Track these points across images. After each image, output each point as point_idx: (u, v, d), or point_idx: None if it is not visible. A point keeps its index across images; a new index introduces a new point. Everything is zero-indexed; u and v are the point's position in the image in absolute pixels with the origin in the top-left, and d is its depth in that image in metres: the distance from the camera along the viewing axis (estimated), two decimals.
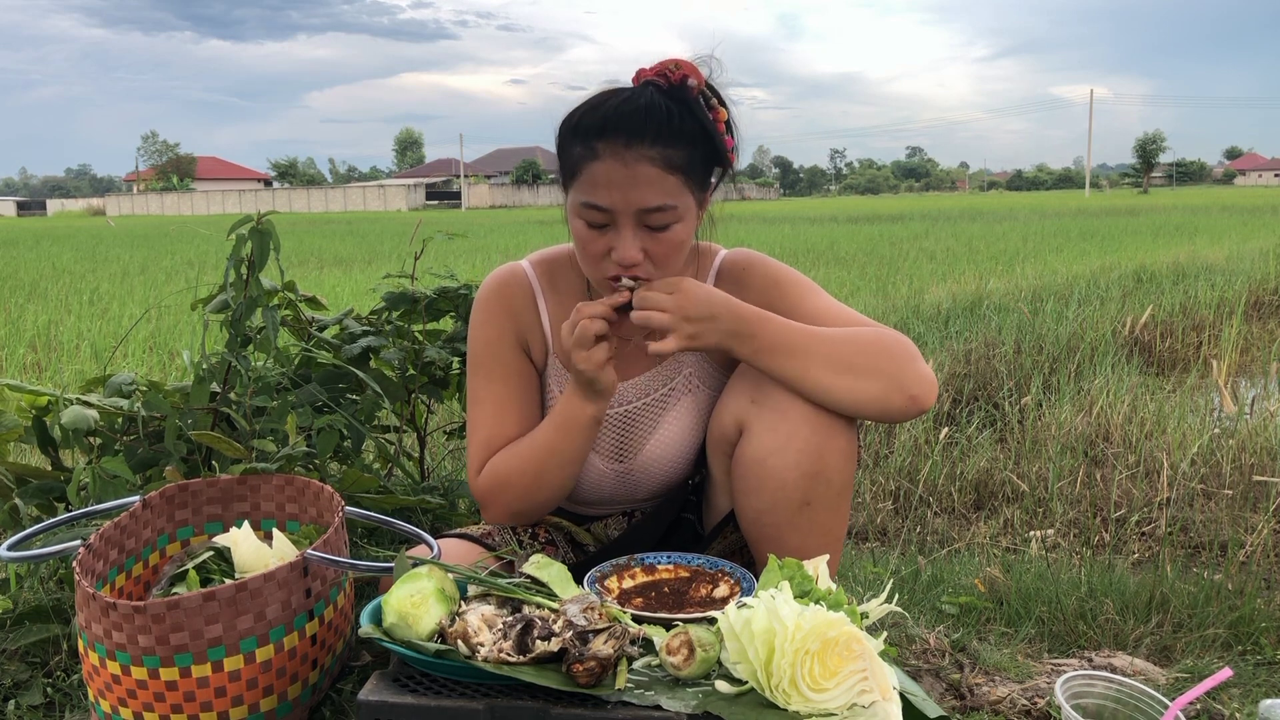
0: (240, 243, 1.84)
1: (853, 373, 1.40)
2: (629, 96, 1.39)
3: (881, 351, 1.41)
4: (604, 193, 1.37)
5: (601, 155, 1.37)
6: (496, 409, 1.57)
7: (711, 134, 1.42)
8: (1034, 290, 6.91)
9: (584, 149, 1.39)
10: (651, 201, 1.37)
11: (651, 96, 1.39)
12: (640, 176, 1.36)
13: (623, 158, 1.36)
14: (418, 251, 2.35)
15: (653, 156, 1.36)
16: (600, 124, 1.38)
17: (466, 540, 1.58)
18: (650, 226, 1.39)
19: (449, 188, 73.55)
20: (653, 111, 1.37)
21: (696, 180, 1.42)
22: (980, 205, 35.98)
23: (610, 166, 1.36)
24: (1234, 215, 20.28)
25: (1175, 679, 1.67)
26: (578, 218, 1.42)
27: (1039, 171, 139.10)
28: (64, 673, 1.57)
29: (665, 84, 1.40)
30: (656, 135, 1.36)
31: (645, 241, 1.40)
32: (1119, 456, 3.05)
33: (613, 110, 1.38)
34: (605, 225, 1.40)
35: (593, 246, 1.42)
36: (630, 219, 1.38)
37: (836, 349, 1.41)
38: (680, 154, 1.38)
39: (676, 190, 1.39)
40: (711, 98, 1.44)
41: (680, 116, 1.38)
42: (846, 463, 1.46)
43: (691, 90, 1.40)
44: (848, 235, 15.91)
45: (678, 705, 1.10)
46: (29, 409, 1.88)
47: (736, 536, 1.59)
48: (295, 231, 21.32)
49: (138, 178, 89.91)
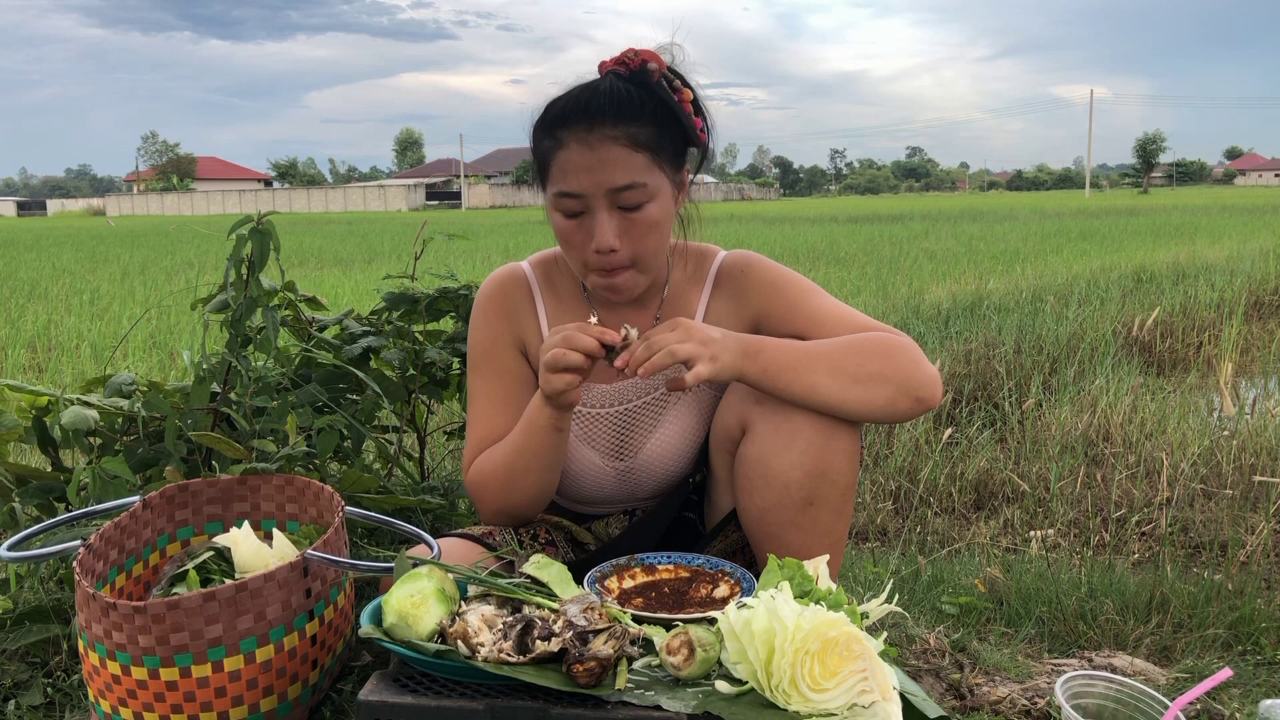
0: (240, 243, 1.84)
1: (860, 382, 1.40)
2: (588, 85, 1.42)
3: (885, 357, 1.41)
4: (573, 178, 1.39)
5: (566, 143, 1.39)
6: (490, 408, 1.58)
7: (676, 112, 1.43)
8: (1034, 290, 6.91)
9: (550, 141, 1.42)
10: (620, 180, 1.38)
11: (610, 82, 1.42)
12: (606, 157, 1.38)
13: (586, 140, 1.38)
14: (418, 251, 2.36)
15: (616, 135, 1.38)
16: (561, 114, 1.41)
17: (467, 540, 1.59)
18: (624, 207, 1.41)
19: (449, 188, 73.60)
20: (612, 94, 1.40)
21: (667, 159, 1.44)
22: (980, 205, 35.98)
23: (576, 151, 1.39)
24: (1234, 215, 20.28)
25: (1175, 679, 1.67)
26: (555, 211, 1.45)
27: (1039, 172, 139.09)
28: (64, 673, 1.57)
29: (625, 71, 1.43)
30: (618, 114, 1.38)
31: (620, 224, 1.41)
32: (1119, 456, 3.05)
33: (572, 99, 1.41)
34: (580, 213, 1.42)
35: (572, 237, 1.44)
36: (603, 201, 1.40)
37: (841, 360, 1.41)
38: (644, 131, 1.40)
39: (644, 168, 1.40)
40: (674, 79, 1.46)
41: (641, 97, 1.41)
42: (850, 462, 1.46)
43: (652, 74, 1.43)
44: (848, 235, 15.91)
45: (678, 705, 1.10)
46: (29, 409, 1.88)
47: (738, 536, 1.59)
48: (295, 231, 21.32)
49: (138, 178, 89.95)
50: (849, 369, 1.40)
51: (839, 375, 1.40)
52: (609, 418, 1.60)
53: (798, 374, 1.40)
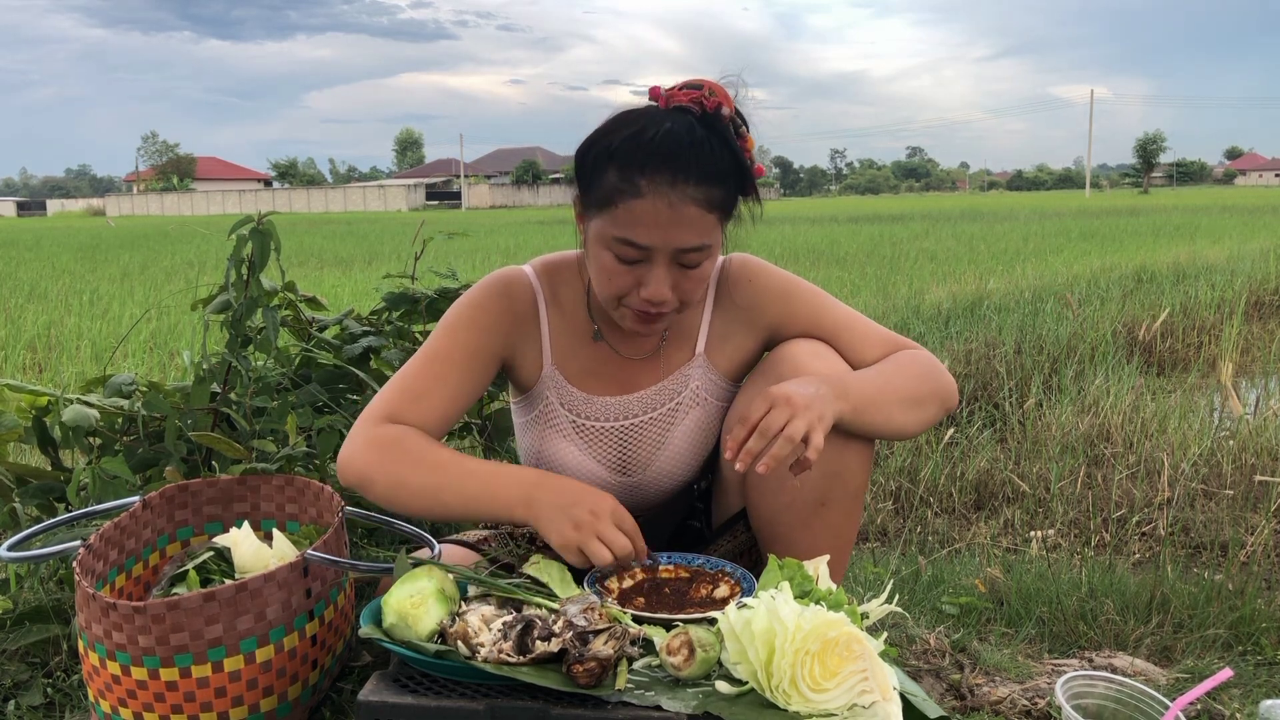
0: (240, 243, 1.84)
1: (919, 405, 1.45)
2: (670, 129, 1.33)
3: (930, 377, 1.47)
4: (644, 231, 1.33)
5: (645, 194, 1.32)
6: (433, 378, 1.47)
7: (744, 167, 1.39)
8: (1035, 290, 6.91)
9: (623, 182, 1.33)
10: (691, 242, 1.35)
11: (692, 129, 1.34)
12: (683, 218, 1.32)
13: (668, 198, 1.31)
14: (418, 251, 2.35)
15: (697, 198, 1.33)
16: (643, 159, 1.32)
17: (463, 546, 1.57)
18: (683, 264, 1.37)
19: (449, 188, 73.57)
20: (697, 149, 1.32)
21: (728, 214, 1.41)
22: (980, 205, 35.98)
23: (655, 206, 1.31)
24: (1234, 215, 20.28)
25: (1175, 679, 1.67)
26: (607, 250, 1.37)
27: (1039, 172, 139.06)
28: (64, 673, 1.57)
29: (699, 112, 1.36)
30: (701, 175, 1.32)
31: (675, 278, 1.38)
32: (1119, 457, 3.04)
33: (656, 145, 1.32)
34: (638, 261, 1.36)
35: (620, 280, 1.38)
36: (666, 257, 1.36)
37: (904, 388, 1.44)
38: (719, 192, 1.35)
39: (713, 228, 1.37)
40: (741, 125, 1.41)
41: (719, 152, 1.34)
42: (863, 464, 1.46)
43: (724, 119, 1.37)
44: (848, 235, 15.91)
45: (678, 705, 1.09)
46: (29, 409, 1.88)
47: (747, 536, 1.58)
48: (295, 232, 21.32)
49: (138, 178, 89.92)
50: (911, 394, 1.44)
51: (906, 403, 1.43)
52: (614, 432, 1.57)
53: (879, 408, 1.41)
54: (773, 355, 1.52)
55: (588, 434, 1.57)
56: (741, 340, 1.58)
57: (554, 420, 1.57)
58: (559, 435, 1.57)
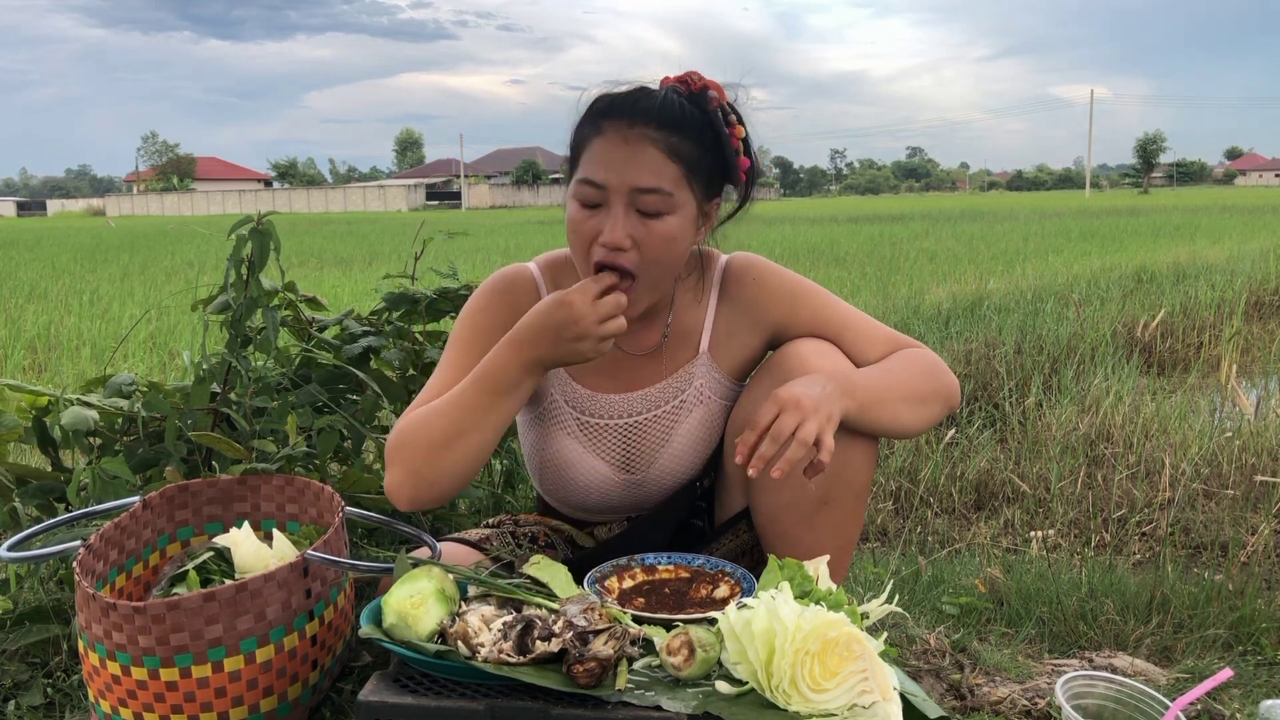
0: (240, 243, 1.84)
1: (923, 404, 1.46)
2: (644, 87, 1.41)
3: (934, 375, 1.48)
4: (600, 168, 1.37)
5: (604, 131, 1.38)
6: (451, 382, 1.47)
7: (722, 140, 1.41)
8: (1035, 290, 6.91)
9: (590, 128, 1.40)
10: (646, 181, 1.36)
11: (669, 92, 1.40)
12: (639, 155, 1.36)
13: (625, 135, 1.36)
14: (418, 252, 2.35)
15: (655, 138, 1.36)
16: (608, 105, 1.39)
17: (464, 545, 1.57)
18: (643, 211, 1.37)
19: (449, 188, 73.58)
20: (665, 101, 1.38)
21: (700, 181, 1.41)
22: (980, 205, 35.97)
23: (611, 142, 1.37)
24: (1234, 215, 20.28)
25: (1176, 679, 1.67)
26: (573, 199, 1.42)
27: (1039, 172, 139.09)
28: (64, 673, 1.57)
29: (685, 89, 1.42)
30: (662, 120, 1.37)
31: (635, 228, 1.37)
32: (1119, 457, 3.04)
33: (623, 95, 1.40)
34: (598, 205, 1.39)
35: (582, 226, 1.40)
36: (622, 198, 1.37)
37: (908, 385, 1.44)
38: (685, 145, 1.37)
39: (675, 180, 1.38)
40: (731, 114, 1.43)
41: (690, 111, 1.39)
42: (867, 464, 1.46)
43: (711, 100, 1.41)
44: (848, 235, 15.91)
45: (678, 706, 1.09)
46: (29, 409, 1.88)
47: (749, 535, 1.58)
48: (295, 232, 21.32)
49: (138, 178, 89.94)
50: (915, 392, 1.45)
51: (910, 400, 1.44)
52: (618, 429, 1.57)
53: (884, 405, 1.41)
54: (778, 354, 1.52)
55: (592, 431, 1.57)
56: (745, 339, 1.58)
57: (558, 417, 1.57)
58: (563, 432, 1.57)
